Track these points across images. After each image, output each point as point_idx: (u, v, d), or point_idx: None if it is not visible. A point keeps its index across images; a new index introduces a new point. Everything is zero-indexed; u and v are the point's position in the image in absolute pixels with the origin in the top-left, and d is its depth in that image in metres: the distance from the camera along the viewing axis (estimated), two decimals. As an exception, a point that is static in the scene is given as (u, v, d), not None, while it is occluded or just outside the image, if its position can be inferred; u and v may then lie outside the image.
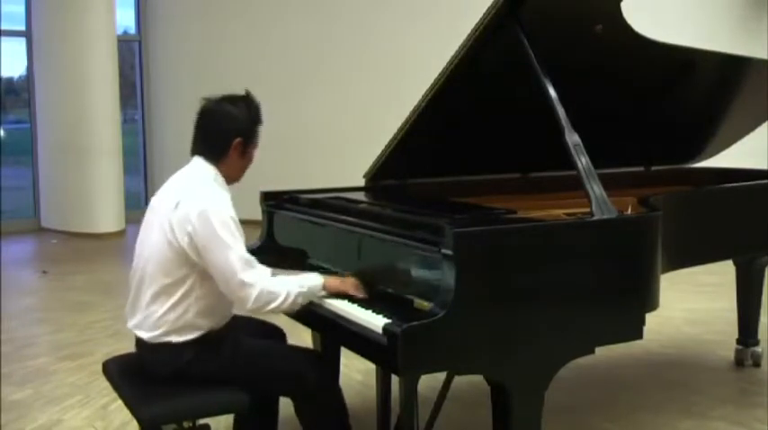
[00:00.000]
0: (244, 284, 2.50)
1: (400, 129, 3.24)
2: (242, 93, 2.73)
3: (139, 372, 2.69)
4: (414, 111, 3.16)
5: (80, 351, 4.90)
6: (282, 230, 3.34)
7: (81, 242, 8.89)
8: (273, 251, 3.17)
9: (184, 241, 2.52)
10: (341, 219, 2.94)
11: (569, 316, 2.50)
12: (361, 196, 3.40)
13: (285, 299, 2.55)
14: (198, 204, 2.52)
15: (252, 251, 2.62)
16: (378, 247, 2.72)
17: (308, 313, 2.72)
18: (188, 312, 2.58)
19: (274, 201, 3.38)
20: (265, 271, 2.59)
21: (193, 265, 2.55)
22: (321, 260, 3.04)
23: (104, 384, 2.88)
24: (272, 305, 2.55)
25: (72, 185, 9.22)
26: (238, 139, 2.64)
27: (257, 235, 3.38)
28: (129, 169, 9.90)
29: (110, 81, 9.26)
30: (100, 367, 2.88)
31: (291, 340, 3.07)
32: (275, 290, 2.55)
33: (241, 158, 2.69)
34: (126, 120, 10.90)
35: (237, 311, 2.75)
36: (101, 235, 8.97)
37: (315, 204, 3.22)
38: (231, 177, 2.71)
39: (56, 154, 9.35)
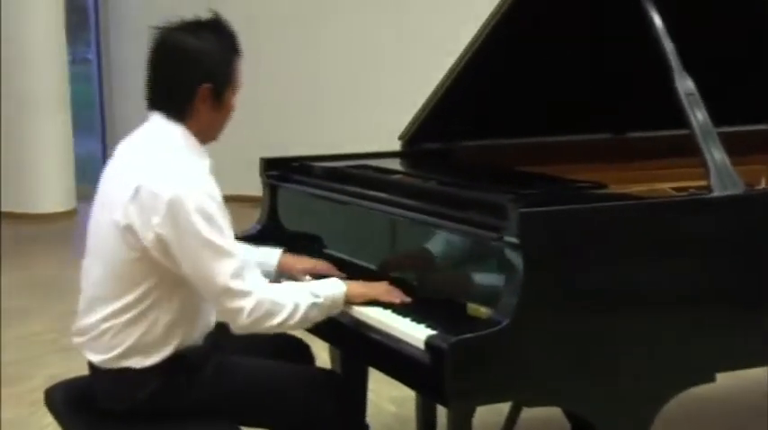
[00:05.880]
0: (235, 293, 2.44)
1: (448, 76, 3.25)
2: (209, 17, 2.61)
3: (93, 403, 2.66)
4: (466, 51, 3.16)
5: (16, 373, 4.94)
6: (290, 210, 3.36)
7: (17, 226, 8.96)
8: (277, 237, 3.20)
9: (148, 239, 2.43)
10: (368, 194, 2.95)
11: (681, 329, 2.50)
12: (395, 164, 3.42)
13: (293, 312, 2.49)
14: (167, 188, 2.42)
15: (250, 238, 2.63)
16: (417, 233, 2.74)
17: (324, 323, 2.74)
18: (156, 326, 2.52)
19: (279, 172, 3.39)
20: (261, 277, 2.56)
21: (162, 272, 2.49)
22: (340, 249, 3.06)
23: (48, 419, 2.92)
24: (275, 321, 2.47)
25: (4, 150, 9.28)
26: (207, 85, 2.53)
27: (256, 216, 3.41)
28: (80, 127, 9.96)
29: (53, 8, 9.31)
30: (41, 396, 2.89)
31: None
32: (279, 300, 2.48)
33: (215, 110, 2.58)
34: (75, 61, 10.95)
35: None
36: (44, 216, 9.05)
37: (333, 175, 3.23)
38: (205, 136, 2.61)
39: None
